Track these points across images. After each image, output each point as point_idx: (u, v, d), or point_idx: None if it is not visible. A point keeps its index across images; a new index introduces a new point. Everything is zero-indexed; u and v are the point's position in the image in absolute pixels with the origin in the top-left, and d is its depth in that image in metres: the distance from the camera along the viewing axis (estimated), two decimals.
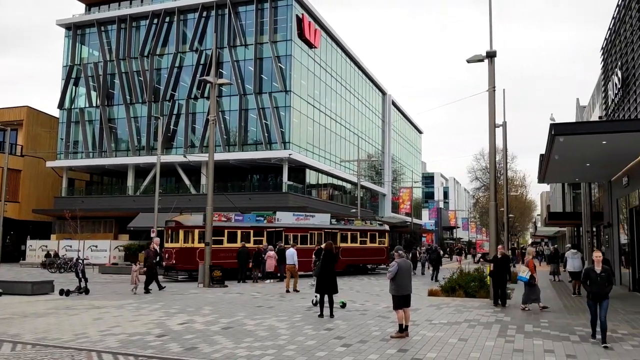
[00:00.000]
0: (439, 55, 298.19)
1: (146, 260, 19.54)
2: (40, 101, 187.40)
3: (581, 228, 38.45)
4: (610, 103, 22.66)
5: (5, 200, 38.57)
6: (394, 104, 74.44)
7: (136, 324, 11.85)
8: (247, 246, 24.89)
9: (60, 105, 49.87)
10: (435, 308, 14.65)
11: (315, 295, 13.89)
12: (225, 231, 25.64)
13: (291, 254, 19.87)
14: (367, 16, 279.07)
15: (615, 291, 9.92)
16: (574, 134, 14.37)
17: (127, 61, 48.18)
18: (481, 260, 35.86)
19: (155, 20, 47.74)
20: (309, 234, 28.24)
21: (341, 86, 55.64)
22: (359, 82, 61.68)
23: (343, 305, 14.44)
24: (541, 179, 23.34)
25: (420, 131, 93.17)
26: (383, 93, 71.49)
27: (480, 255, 42.08)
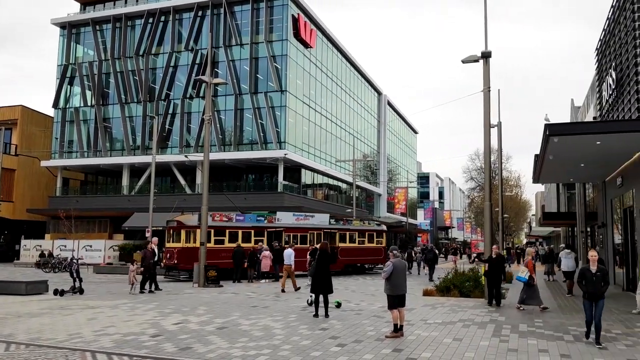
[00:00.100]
0: (438, 56, 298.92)
1: (143, 260, 19.44)
2: (35, 100, 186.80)
3: (576, 228, 38.61)
4: (604, 104, 22.76)
5: None
6: (389, 104, 74.53)
7: (130, 324, 11.83)
8: (244, 246, 24.87)
9: (55, 105, 49.67)
10: (430, 308, 14.67)
11: (311, 295, 13.89)
12: (227, 231, 25.69)
13: (289, 254, 19.90)
14: (365, 17, 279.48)
15: (609, 291, 9.95)
16: (568, 134, 14.44)
17: (122, 60, 48.03)
18: (476, 260, 35.94)
19: (150, 20, 47.63)
20: (308, 234, 28.30)
21: (337, 86, 55.64)
22: (354, 82, 61.71)
23: (338, 305, 14.45)
24: (536, 179, 23.44)
25: (415, 131, 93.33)
26: (379, 93, 71.55)
27: (475, 255, 42.19)
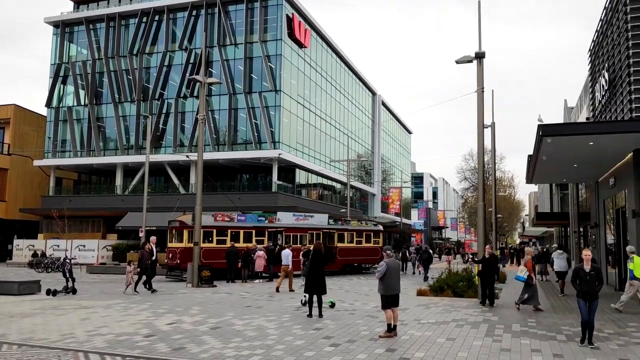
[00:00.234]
0: (439, 55, 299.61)
1: (140, 260, 19.34)
2: (28, 99, 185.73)
3: (568, 228, 38.83)
4: (597, 104, 22.89)
5: None
6: (383, 104, 74.64)
7: (124, 324, 11.79)
8: (239, 246, 24.88)
9: (48, 104, 49.43)
10: (423, 308, 14.70)
11: (304, 295, 13.90)
12: (229, 231, 25.74)
13: (286, 254, 19.94)
14: (366, 17, 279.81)
15: (602, 291, 9.97)
16: (561, 135, 14.52)
17: (116, 60, 47.86)
18: (470, 260, 36.04)
19: (144, 19, 47.47)
20: (308, 234, 28.43)
21: (331, 86, 55.66)
22: (349, 82, 61.75)
23: (332, 305, 14.45)
24: (529, 179, 23.53)
25: (409, 131, 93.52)
26: (373, 93, 71.63)
27: (469, 255, 42.31)
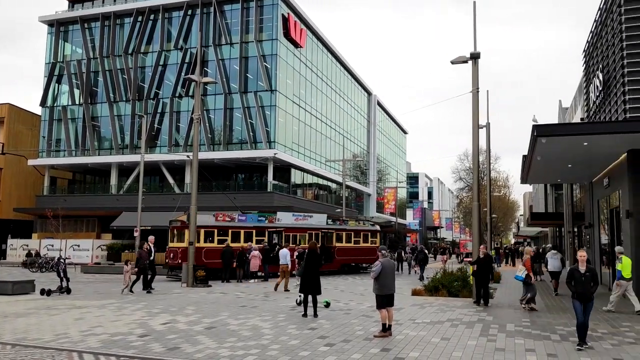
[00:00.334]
0: (439, 55, 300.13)
1: (138, 260, 19.24)
2: (28, 99, 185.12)
3: (563, 228, 38.95)
4: (591, 105, 22.97)
5: None
6: (379, 104, 74.69)
7: (118, 324, 11.76)
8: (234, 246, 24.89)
9: (43, 103, 49.25)
10: (418, 307, 14.72)
11: (300, 295, 13.89)
12: (230, 231, 25.80)
13: (284, 254, 19.96)
14: (362, 17, 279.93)
15: (597, 291, 9.99)
16: (556, 135, 14.55)
17: (111, 59, 47.73)
18: (464, 260, 36.12)
19: (139, 18, 47.36)
20: (307, 234, 28.55)
21: (327, 86, 55.67)
22: (344, 82, 61.77)
23: (327, 305, 14.46)
24: (524, 179, 23.59)
25: (405, 131, 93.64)
26: (368, 93, 71.68)
27: (464, 254, 42.38)
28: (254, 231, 26.72)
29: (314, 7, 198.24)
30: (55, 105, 49.29)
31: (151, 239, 20.21)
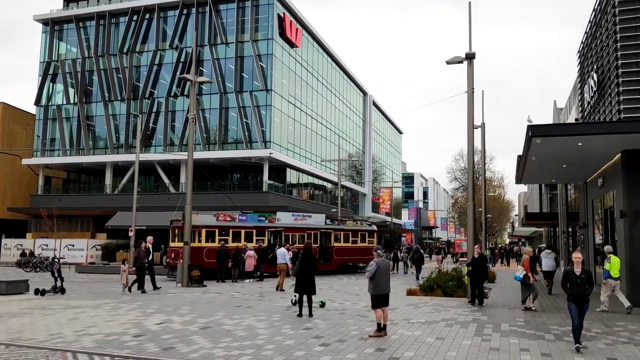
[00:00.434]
0: (440, 55, 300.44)
1: (136, 260, 19.18)
2: (28, 99, 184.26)
3: (557, 228, 39.07)
4: (586, 105, 23.05)
5: None
6: (374, 104, 74.76)
7: (112, 324, 11.73)
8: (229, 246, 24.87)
9: (37, 102, 49.05)
10: (413, 307, 14.75)
11: (295, 295, 13.89)
12: (230, 231, 25.88)
13: (282, 253, 19.93)
14: (367, 17, 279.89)
15: (591, 292, 10.01)
16: (550, 135, 14.60)
17: (106, 58, 47.59)
18: (459, 259, 36.21)
19: (134, 17, 47.24)
20: (306, 234, 28.66)
21: (322, 86, 55.68)
22: (340, 82, 61.80)
23: (322, 305, 14.46)
24: (519, 179, 23.66)
25: (400, 131, 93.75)
26: (364, 93, 71.73)
27: (459, 254, 42.47)
28: (255, 231, 26.84)
29: (314, 7, 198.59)
30: (49, 104, 49.11)
31: (150, 239, 20.16)
